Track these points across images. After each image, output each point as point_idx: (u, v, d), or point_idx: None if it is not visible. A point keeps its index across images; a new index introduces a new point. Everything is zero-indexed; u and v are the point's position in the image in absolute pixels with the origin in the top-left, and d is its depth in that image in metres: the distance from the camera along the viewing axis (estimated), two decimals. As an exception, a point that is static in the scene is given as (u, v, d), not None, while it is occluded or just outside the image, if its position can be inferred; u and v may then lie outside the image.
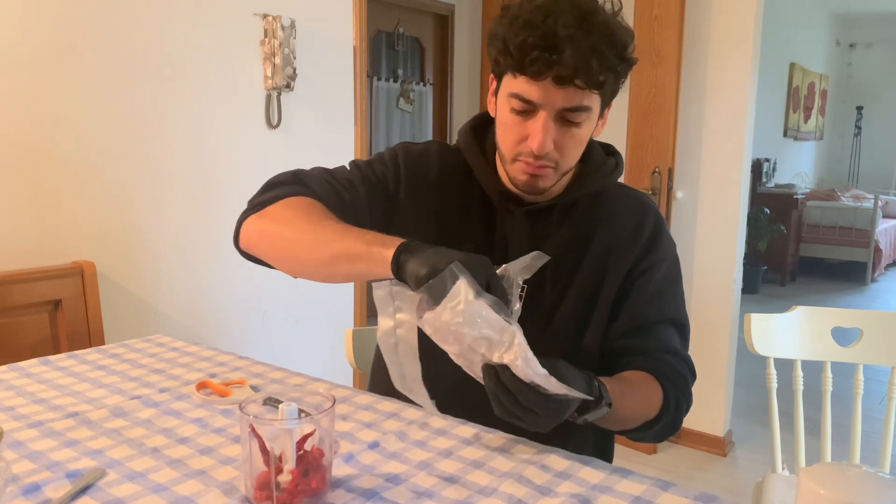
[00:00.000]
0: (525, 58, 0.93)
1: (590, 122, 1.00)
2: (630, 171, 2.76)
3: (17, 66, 1.79)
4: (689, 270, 2.81)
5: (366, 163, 1.14)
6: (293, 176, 1.10)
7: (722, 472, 2.74)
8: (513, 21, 0.95)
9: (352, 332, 1.51)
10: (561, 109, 0.96)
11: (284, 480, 0.76)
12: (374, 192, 1.10)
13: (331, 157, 2.62)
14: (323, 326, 2.65)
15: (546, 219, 1.10)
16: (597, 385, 0.88)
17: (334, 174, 1.11)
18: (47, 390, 1.12)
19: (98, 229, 1.99)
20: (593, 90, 0.95)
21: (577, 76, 0.92)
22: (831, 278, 6.54)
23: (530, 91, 0.95)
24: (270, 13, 2.33)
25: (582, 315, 1.09)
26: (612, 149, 1.17)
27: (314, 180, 1.08)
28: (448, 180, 1.13)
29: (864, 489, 0.62)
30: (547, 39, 0.91)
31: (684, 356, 1.10)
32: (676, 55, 2.60)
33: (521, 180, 1.02)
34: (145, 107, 2.06)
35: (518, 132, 0.99)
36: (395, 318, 0.83)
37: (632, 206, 1.13)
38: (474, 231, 1.11)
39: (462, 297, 0.76)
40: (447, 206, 1.12)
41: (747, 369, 3.07)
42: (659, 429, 1.04)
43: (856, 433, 1.49)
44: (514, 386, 0.78)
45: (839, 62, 8.34)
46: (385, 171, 1.13)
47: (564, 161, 1.01)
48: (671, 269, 1.12)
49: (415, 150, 1.16)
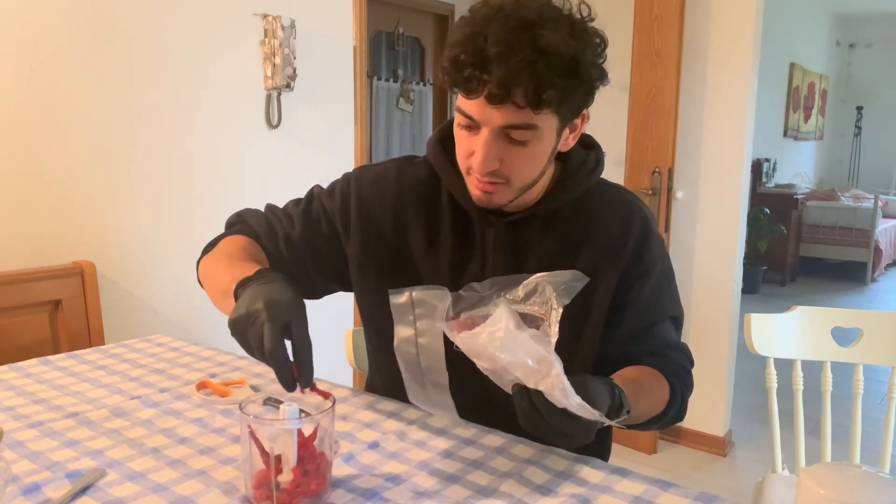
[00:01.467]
0: (459, 75, 0.89)
1: (541, 140, 0.93)
2: (630, 171, 2.76)
3: (17, 67, 1.79)
4: (689, 270, 2.81)
5: (319, 193, 1.18)
6: (237, 216, 1.19)
7: (722, 472, 2.74)
8: (453, 33, 0.92)
9: (352, 332, 1.51)
10: (501, 127, 0.91)
11: (284, 480, 0.76)
12: (317, 225, 1.14)
13: (331, 157, 2.63)
14: (323, 326, 2.64)
15: (528, 228, 1.07)
16: (617, 393, 0.87)
17: (275, 210, 1.18)
18: (47, 390, 1.12)
19: (98, 229, 1.99)
20: (534, 110, 0.88)
21: (510, 95, 0.87)
22: (831, 278, 6.53)
23: (469, 107, 0.92)
24: (270, 13, 2.33)
25: (575, 324, 1.07)
26: (590, 140, 1.13)
27: (253, 217, 1.17)
28: (409, 197, 1.12)
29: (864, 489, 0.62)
30: (477, 56, 0.86)
31: (682, 346, 1.11)
32: (676, 55, 2.60)
33: (475, 195, 1.00)
34: (145, 107, 2.06)
35: (466, 146, 0.97)
36: (415, 326, 0.82)
37: (617, 210, 1.10)
38: (446, 238, 1.09)
39: (503, 325, 0.75)
40: (412, 222, 1.11)
41: (747, 369, 3.07)
42: (667, 419, 1.06)
43: (856, 433, 1.49)
44: (546, 411, 0.77)
45: (839, 62, 8.34)
46: (333, 205, 1.15)
47: (517, 178, 0.96)
48: (664, 268, 1.11)
49: (369, 175, 1.15)
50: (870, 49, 8.33)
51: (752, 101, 2.67)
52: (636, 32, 2.66)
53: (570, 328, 1.08)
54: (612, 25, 3.16)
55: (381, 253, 1.11)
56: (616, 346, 1.09)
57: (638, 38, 2.66)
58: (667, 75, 2.62)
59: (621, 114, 2.79)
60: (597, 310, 1.08)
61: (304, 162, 2.53)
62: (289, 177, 2.49)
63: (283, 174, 2.47)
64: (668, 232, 2.73)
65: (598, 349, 1.09)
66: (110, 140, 1.99)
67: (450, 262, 1.09)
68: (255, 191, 2.37)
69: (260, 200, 2.52)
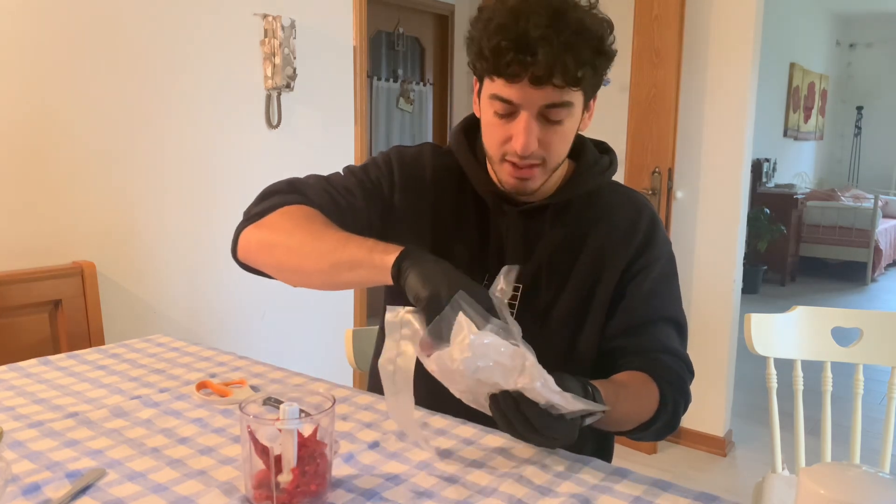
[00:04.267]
0: (500, 61, 0.93)
1: (572, 117, 0.99)
2: (630, 171, 2.76)
3: (18, 67, 1.79)
4: (689, 270, 2.81)
5: (360, 168, 1.15)
6: (288, 185, 1.11)
7: (722, 472, 2.74)
8: (486, 24, 0.95)
9: (352, 332, 1.51)
10: (542, 108, 0.96)
11: (284, 480, 0.76)
12: (371, 197, 1.11)
13: (331, 157, 2.63)
14: (323, 326, 2.65)
15: (540, 218, 1.09)
16: (590, 391, 0.88)
17: (330, 181, 1.12)
18: (47, 390, 1.12)
19: (98, 229, 1.99)
20: (572, 87, 0.94)
21: (553, 75, 0.92)
22: (831, 278, 6.53)
23: (509, 93, 0.95)
24: (270, 13, 2.33)
25: (577, 315, 1.08)
26: (605, 146, 1.17)
27: (310, 188, 1.09)
28: (442, 182, 1.13)
29: (864, 489, 0.62)
30: (520, 41, 0.91)
31: (681, 355, 1.09)
32: (676, 55, 2.60)
33: (510, 183, 1.03)
34: (145, 107, 2.06)
35: (502, 133, 0.99)
36: (399, 345, 0.83)
37: (626, 206, 1.12)
38: (469, 233, 1.11)
39: (465, 331, 0.76)
40: (442, 208, 1.12)
41: (747, 369, 3.07)
42: (656, 429, 1.04)
43: (856, 433, 1.49)
44: (530, 413, 0.78)
45: (839, 62, 8.34)
46: (380, 175, 1.13)
47: (551, 158, 1.01)
48: (666, 267, 1.12)
49: (408, 153, 1.16)
50: (870, 49, 8.33)
51: (752, 100, 2.67)
52: (636, 32, 2.66)
53: (573, 320, 1.09)
54: (612, 25, 3.16)
55: (417, 227, 1.12)
56: (609, 339, 1.09)
57: (638, 38, 2.66)
58: (667, 75, 2.62)
59: (621, 114, 2.79)
60: (599, 301, 1.09)
61: (304, 162, 2.53)
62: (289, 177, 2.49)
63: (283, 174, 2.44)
64: (668, 232, 2.73)
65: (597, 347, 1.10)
66: (110, 140, 1.99)
67: (470, 254, 1.10)
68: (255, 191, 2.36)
69: (260, 200, 2.52)
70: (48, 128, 1.86)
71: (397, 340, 0.83)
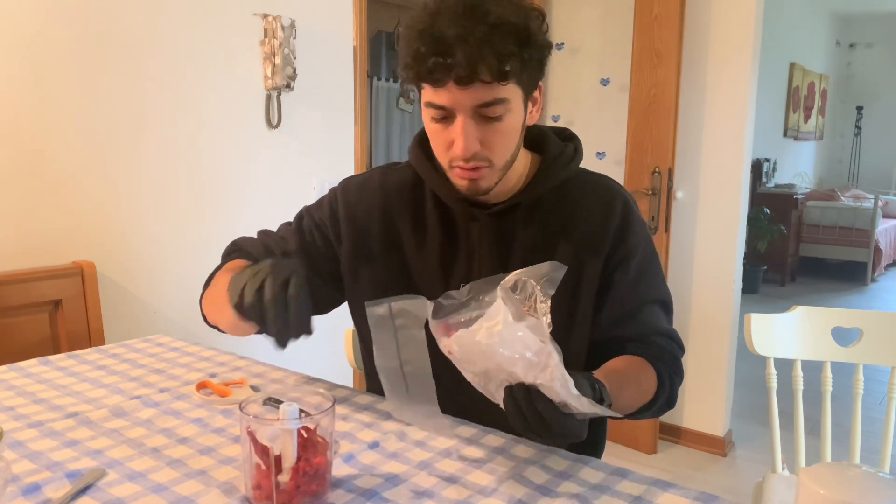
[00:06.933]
0: (422, 67, 0.91)
1: (512, 112, 0.96)
2: (630, 171, 2.76)
3: (18, 67, 1.79)
4: (689, 270, 2.81)
5: (308, 210, 1.20)
6: (232, 245, 1.22)
7: (722, 472, 2.74)
8: (408, 32, 0.94)
9: (352, 332, 1.51)
10: (475, 107, 0.93)
11: (284, 480, 0.76)
12: (310, 239, 1.16)
13: (331, 157, 2.63)
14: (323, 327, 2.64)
15: (511, 219, 1.08)
16: (598, 388, 0.87)
17: (269, 234, 1.20)
18: (47, 390, 1.12)
19: (98, 229, 1.99)
20: (500, 82, 0.91)
21: (476, 73, 0.89)
22: (831, 278, 6.53)
23: (439, 97, 0.94)
24: (270, 13, 2.33)
25: (566, 312, 1.08)
26: (567, 133, 1.15)
27: (248, 243, 1.20)
28: (394, 201, 1.13)
29: (864, 489, 0.62)
30: (438, 43, 0.89)
31: (671, 333, 1.10)
32: (676, 55, 2.60)
33: (462, 186, 1.01)
34: (145, 107, 2.06)
35: (443, 139, 0.98)
36: (396, 337, 0.81)
37: (598, 194, 1.11)
38: (433, 240, 1.10)
39: (500, 318, 0.75)
40: (399, 225, 1.12)
41: (747, 369, 3.07)
42: (657, 408, 1.06)
43: (856, 433, 1.49)
44: (543, 407, 0.77)
45: (839, 62, 8.34)
46: (322, 215, 1.17)
47: (498, 157, 0.98)
48: (647, 250, 1.11)
49: (354, 184, 1.18)
50: (870, 49, 8.33)
51: (752, 101, 2.67)
52: (636, 32, 2.66)
53: (561, 319, 1.08)
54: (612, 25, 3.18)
55: (372, 258, 1.13)
56: (602, 330, 1.09)
57: (638, 38, 2.66)
58: (667, 75, 2.62)
59: (621, 114, 2.79)
60: (585, 297, 1.08)
61: (304, 162, 2.53)
62: (289, 177, 2.49)
63: (283, 174, 2.47)
64: (668, 232, 2.73)
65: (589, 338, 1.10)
66: (110, 140, 1.99)
67: (439, 262, 1.10)
68: (254, 191, 2.37)
69: (260, 200, 2.53)
70: (48, 128, 1.86)
71: (393, 334, 0.82)
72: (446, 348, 0.78)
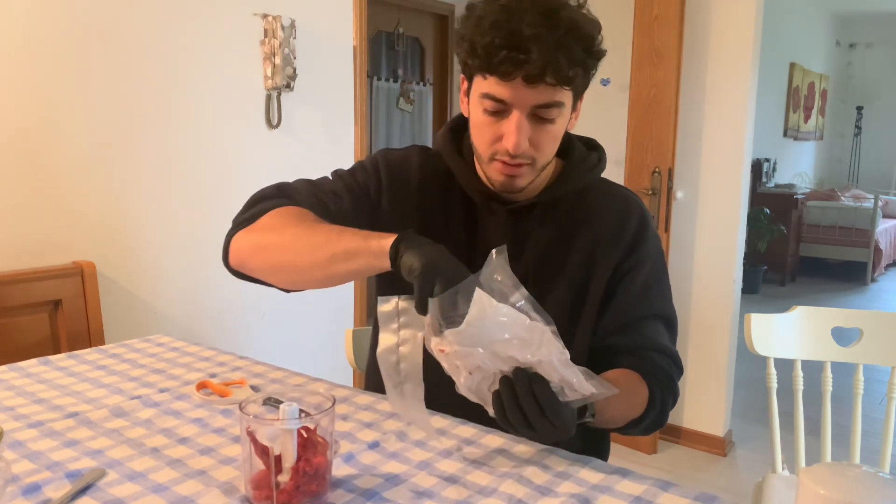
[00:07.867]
0: (493, 59, 0.92)
1: (563, 116, 0.99)
2: (630, 171, 2.76)
3: (18, 67, 1.79)
4: (689, 270, 2.81)
5: (348, 172, 1.15)
6: (277, 189, 1.11)
7: (722, 472, 2.74)
8: (478, 22, 0.94)
9: (352, 332, 1.51)
10: (533, 107, 0.95)
11: (284, 480, 0.76)
12: (358, 201, 1.11)
13: (331, 157, 2.63)
14: (323, 326, 2.65)
15: (528, 217, 1.09)
16: None
17: (318, 185, 1.12)
18: (47, 390, 1.12)
19: (98, 229, 1.99)
20: (564, 86, 0.94)
21: (545, 74, 0.91)
22: (831, 278, 6.53)
23: (501, 91, 0.95)
24: (270, 13, 2.33)
25: (570, 314, 1.08)
26: (593, 143, 1.16)
27: (298, 192, 1.09)
28: (429, 184, 1.13)
29: (864, 489, 0.62)
30: (513, 39, 0.91)
31: (670, 351, 1.09)
32: (676, 55, 2.60)
33: (499, 180, 1.02)
34: (145, 107, 2.06)
35: (492, 132, 0.99)
36: (398, 334, 0.82)
37: (616, 203, 1.12)
38: (457, 233, 1.11)
39: (485, 303, 0.75)
40: (429, 210, 1.12)
41: (747, 369, 3.07)
42: (644, 426, 1.05)
43: (856, 433, 1.49)
44: (540, 391, 0.77)
45: (839, 62, 8.34)
46: (367, 179, 1.13)
47: (541, 157, 1.01)
48: (657, 264, 1.12)
49: (395, 156, 1.16)
50: (870, 49, 8.33)
51: (751, 101, 2.67)
52: (636, 32, 2.66)
53: (567, 319, 1.08)
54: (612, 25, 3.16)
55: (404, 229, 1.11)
56: (599, 337, 1.09)
57: (638, 38, 2.66)
58: (667, 75, 2.62)
59: (621, 114, 2.79)
60: (591, 300, 1.09)
61: (304, 162, 2.53)
62: (289, 177, 2.48)
63: (283, 174, 2.45)
64: (668, 232, 2.73)
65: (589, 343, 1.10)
66: (110, 140, 1.99)
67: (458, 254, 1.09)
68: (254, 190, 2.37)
69: (260, 200, 2.51)
70: (48, 128, 1.86)
71: (395, 330, 0.82)
72: (437, 346, 0.79)
